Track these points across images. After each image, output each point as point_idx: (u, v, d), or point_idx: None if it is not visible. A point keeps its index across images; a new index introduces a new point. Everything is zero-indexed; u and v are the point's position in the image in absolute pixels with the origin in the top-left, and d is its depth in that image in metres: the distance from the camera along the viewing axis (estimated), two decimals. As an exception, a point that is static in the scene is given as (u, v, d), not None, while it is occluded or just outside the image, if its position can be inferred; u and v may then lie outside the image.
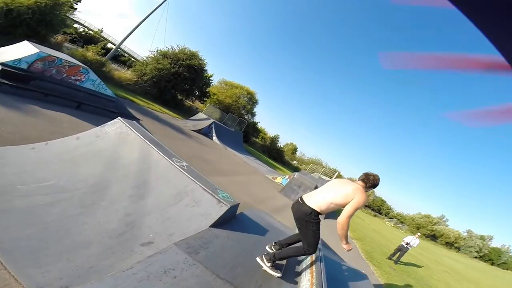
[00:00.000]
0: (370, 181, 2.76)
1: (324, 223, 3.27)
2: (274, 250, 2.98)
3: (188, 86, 23.04)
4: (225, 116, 26.55)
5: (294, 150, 55.30)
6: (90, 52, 16.37)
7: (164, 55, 21.66)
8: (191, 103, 29.19)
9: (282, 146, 45.82)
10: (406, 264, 11.73)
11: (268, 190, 11.83)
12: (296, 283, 2.92)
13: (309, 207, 2.67)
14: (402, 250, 10.87)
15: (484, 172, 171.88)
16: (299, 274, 3.16)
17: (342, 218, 2.58)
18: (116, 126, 4.03)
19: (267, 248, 3.09)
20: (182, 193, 3.21)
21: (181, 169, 3.46)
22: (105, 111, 7.87)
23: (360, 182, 2.79)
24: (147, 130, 4.39)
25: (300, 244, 2.90)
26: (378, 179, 2.80)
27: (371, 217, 44.41)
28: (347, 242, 2.76)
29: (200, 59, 23.06)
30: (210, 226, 2.90)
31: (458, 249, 60.55)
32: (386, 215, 65.39)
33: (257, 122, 38.59)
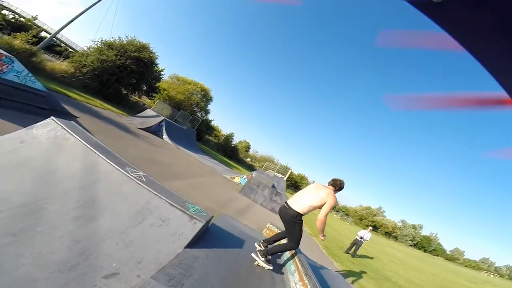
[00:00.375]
0: (337, 185, 3.44)
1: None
2: (263, 247, 3.43)
3: (135, 80, 21.07)
4: (177, 113, 25.05)
5: (247, 147, 55.70)
6: (18, 40, 14.05)
7: (110, 46, 19.41)
8: (138, 99, 26.92)
9: (236, 144, 45.62)
10: (361, 257, 12.51)
11: (228, 191, 11.42)
12: (283, 273, 3.38)
13: (294, 210, 3.23)
14: (357, 244, 11.59)
15: (411, 166, 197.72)
16: (283, 265, 3.70)
17: (321, 216, 3.19)
18: (49, 128, 3.21)
19: (255, 245, 3.56)
20: (144, 210, 2.66)
21: (138, 181, 2.89)
22: (33, 107, 6.55)
23: (330, 187, 3.42)
24: (87, 131, 3.63)
25: (285, 241, 3.54)
26: (344, 183, 3.48)
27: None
28: (323, 235, 3.35)
29: (151, 52, 21.33)
30: (185, 247, 2.44)
31: (395, 238, 68.30)
32: (333, 208, 70.09)
33: (211, 120, 37.61)
